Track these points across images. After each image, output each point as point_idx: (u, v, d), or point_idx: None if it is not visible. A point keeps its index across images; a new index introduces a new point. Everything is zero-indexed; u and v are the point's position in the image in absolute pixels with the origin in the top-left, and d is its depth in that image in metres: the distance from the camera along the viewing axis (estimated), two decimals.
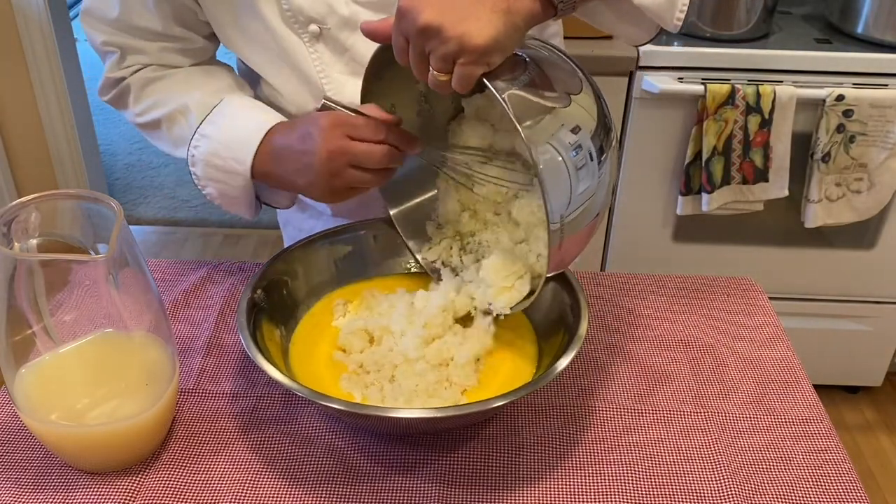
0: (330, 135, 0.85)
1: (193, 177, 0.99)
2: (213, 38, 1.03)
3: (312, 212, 1.16)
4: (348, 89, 0.96)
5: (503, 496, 0.78)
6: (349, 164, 0.86)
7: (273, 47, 0.96)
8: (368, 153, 0.85)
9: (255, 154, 0.93)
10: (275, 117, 0.95)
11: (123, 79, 1.01)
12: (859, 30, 1.84)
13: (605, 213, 0.83)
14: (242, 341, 0.80)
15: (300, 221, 1.19)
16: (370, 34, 0.79)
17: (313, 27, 0.94)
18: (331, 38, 0.95)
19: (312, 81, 0.97)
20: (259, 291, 0.87)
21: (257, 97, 1.04)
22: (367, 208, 1.03)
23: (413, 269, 0.98)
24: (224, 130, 0.95)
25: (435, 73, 0.74)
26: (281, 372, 0.77)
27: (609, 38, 1.77)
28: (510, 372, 0.85)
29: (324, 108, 0.87)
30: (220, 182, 0.97)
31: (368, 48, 0.85)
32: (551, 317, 0.90)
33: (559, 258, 0.79)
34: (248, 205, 0.99)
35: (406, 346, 0.85)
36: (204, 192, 1.00)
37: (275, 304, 0.90)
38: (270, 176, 0.94)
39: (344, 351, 0.87)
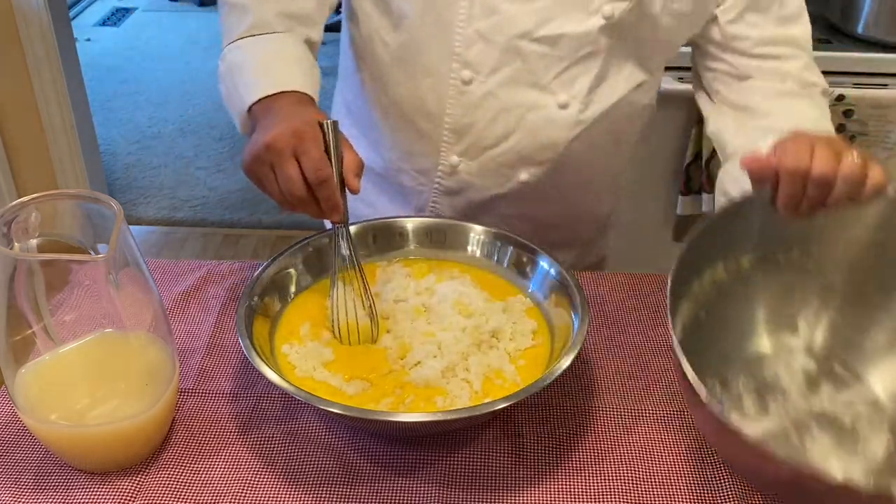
0: (286, 135, 0.82)
1: (219, 69, 1.01)
2: None
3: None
4: (474, 50, 0.99)
5: (503, 497, 0.78)
6: (271, 167, 0.83)
7: None
8: (288, 177, 0.82)
9: (260, 100, 0.91)
10: (302, 81, 0.93)
11: None
12: (859, 30, 1.84)
13: None
14: (243, 347, 0.79)
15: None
16: (755, 169, 0.79)
17: None
18: None
19: (448, 31, 0.99)
20: (256, 297, 0.87)
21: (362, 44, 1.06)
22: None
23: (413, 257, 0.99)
24: (259, 59, 0.96)
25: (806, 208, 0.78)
26: (281, 376, 0.77)
27: None
28: (517, 372, 0.85)
29: (321, 125, 0.85)
30: (227, 90, 0.98)
31: (517, 19, 0.96)
32: (551, 317, 0.90)
33: None
34: (239, 121, 0.97)
35: (410, 341, 0.86)
36: (219, 87, 1.01)
37: (274, 306, 0.90)
38: (254, 122, 0.92)
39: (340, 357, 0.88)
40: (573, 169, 1.08)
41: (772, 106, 1.00)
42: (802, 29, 1.03)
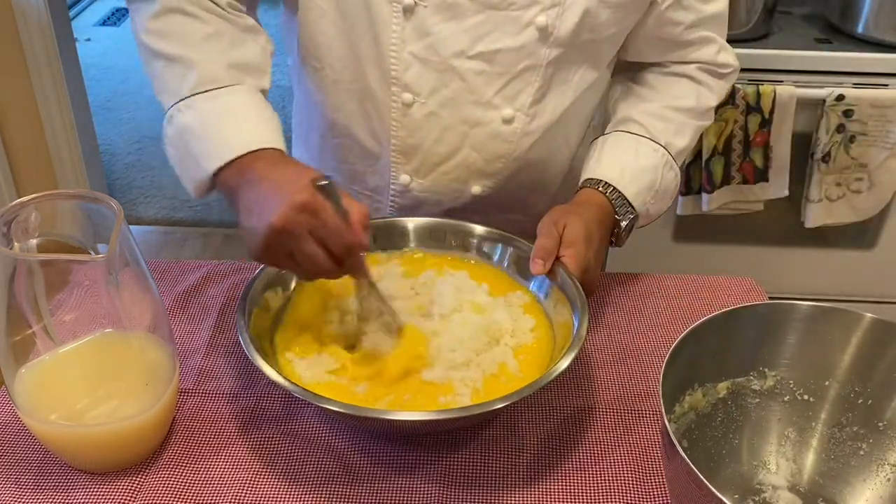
0: (292, 214, 0.78)
1: (164, 130, 0.92)
2: None
3: None
4: (411, 73, 0.97)
5: (503, 497, 0.78)
6: (289, 252, 0.80)
7: (355, 6, 0.96)
8: (312, 258, 0.79)
9: (227, 164, 0.86)
10: (271, 136, 0.88)
11: None
12: (859, 30, 1.84)
13: None
14: (244, 347, 0.80)
15: None
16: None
17: (409, 0, 0.94)
18: (420, 17, 0.95)
19: (382, 53, 0.97)
20: (256, 297, 0.87)
21: (301, 56, 1.04)
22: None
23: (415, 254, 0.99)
24: (216, 118, 0.89)
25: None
26: (283, 376, 0.77)
27: None
28: (519, 369, 0.85)
29: (320, 187, 0.79)
30: (179, 154, 0.91)
31: (450, 39, 0.94)
32: (551, 315, 0.90)
33: None
34: (194, 187, 0.92)
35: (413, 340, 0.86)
36: (165, 149, 0.94)
37: (275, 305, 0.90)
38: (226, 189, 0.88)
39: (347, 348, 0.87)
40: (525, 175, 1.07)
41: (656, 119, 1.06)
42: (721, 3, 1.03)
